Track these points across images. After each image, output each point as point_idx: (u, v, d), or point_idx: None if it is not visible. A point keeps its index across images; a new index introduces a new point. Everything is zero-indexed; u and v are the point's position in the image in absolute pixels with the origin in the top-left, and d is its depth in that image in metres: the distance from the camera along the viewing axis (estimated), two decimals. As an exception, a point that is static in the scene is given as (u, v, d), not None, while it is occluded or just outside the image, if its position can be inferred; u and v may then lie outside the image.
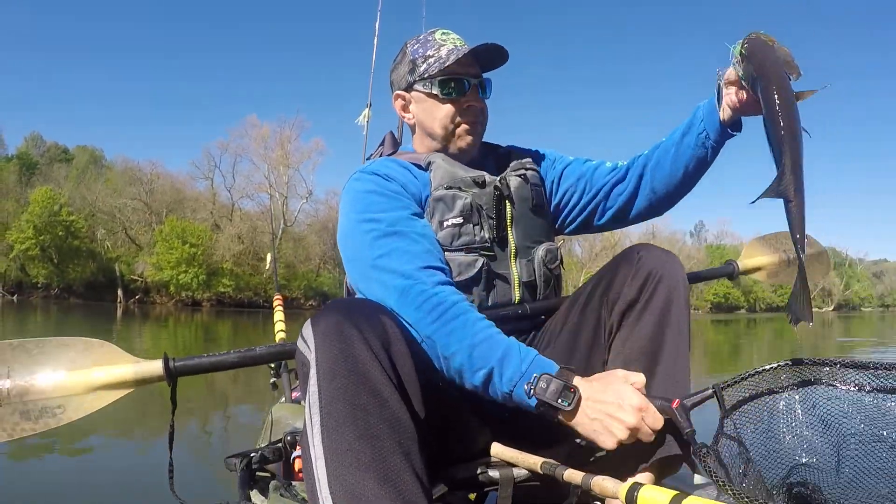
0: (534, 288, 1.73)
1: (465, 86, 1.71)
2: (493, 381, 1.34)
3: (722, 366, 11.83)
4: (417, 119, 1.77)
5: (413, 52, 1.75)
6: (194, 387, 7.00)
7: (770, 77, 1.37)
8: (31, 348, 1.57)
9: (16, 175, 45.24)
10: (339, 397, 1.12)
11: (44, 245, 41.23)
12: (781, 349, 17.32)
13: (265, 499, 1.69)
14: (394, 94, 1.82)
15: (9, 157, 50.62)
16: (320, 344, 1.17)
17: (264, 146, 52.04)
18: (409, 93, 1.77)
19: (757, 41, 1.42)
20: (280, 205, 50.69)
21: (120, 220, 47.55)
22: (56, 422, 1.55)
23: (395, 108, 1.83)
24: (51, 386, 1.55)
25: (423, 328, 1.38)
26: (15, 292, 41.51)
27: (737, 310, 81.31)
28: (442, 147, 1.76)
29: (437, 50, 1.71)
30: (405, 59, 1.77)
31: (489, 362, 1.34)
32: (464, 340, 1.36)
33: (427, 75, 1.71)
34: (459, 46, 1.72)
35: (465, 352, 1.35)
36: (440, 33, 1.75)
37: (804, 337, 23.07)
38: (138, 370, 1.59)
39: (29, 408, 1.54)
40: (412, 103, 1.78)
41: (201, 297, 44.61)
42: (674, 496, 1.13)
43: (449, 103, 1.71)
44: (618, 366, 1.49)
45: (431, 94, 1.71)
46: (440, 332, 1.37)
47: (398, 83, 1.80)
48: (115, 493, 3.41)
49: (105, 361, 1.60)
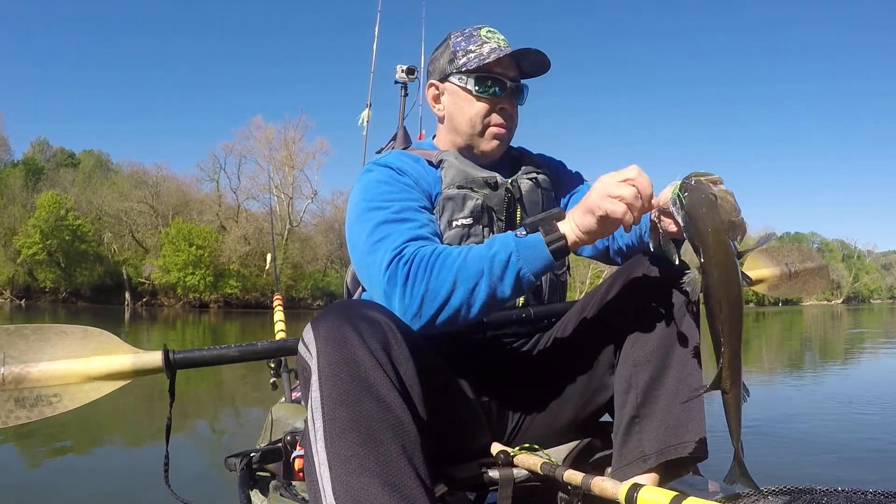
0: (539, 292, 1.72)
1: (502, 88, 1.68)
2: (494, 275, 1.35)
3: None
4: (447, 111, 1.75)
5: (455, 43, 1.72)
6: (203, 386, 7.00)
7: (711, 258, 1.21)
8: (29, 335, 1.54)
9: (22, 180, 45.32)
10: (341, 403, 1.11)
11: (51, 249, 41.34)
12: (791, 341, 17.27)
13: (265, 498, 1.67)
14: (428, 83, 1.79)
15: (15, 162, 50.77)
16: (321, 348, 1.15)
17: (269, 147, 52.19)
18: (444, 83, 1.74)
19: (697, 197, 1.22)
20: (286, 205, 50.78)
21: (126, 223, 47.64)
22: (52, 410, 1.52)
23: (427, 97, 1.80)
24: (47, 374, 1.52)
25: (416, 295, 1.36)
26: (23, 297, 41.61)
27: (745, 304, 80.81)
28: (465, 145, 1.73)
29: (479, 46, 1.68)
30: (447, 50, 1.74)
31: (481, 265, 1.35)
32: (451, 272, 1.36)
33: (465, 69, 1.68)
34: (503, 47, 1.69)
35: (459, 279, 1.35)
36: (486, 30, 1.72)
37: (811, 329, 23.01)
38: (137, 361, 1.56)
39: (24, 395, 1.51)
40: (444, 94, 1.75)
41: (208, 299, 44.71)
42: (674, 497, 1.12)
43: (482, 101, 1.68)
44: (627, 369, 1.49)
45: (466, 89, 1.69)
46: (433, 284, 1.36)
47: (435, 73, 1.77)
48: (116, 493, 3.39)
49: (104, 351, 1.57)
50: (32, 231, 40.81)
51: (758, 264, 2.26)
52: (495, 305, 1.38)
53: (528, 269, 1.33)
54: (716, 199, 1.21)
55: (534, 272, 1.34)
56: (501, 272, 1.34)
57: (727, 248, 1.21)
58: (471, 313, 1.37)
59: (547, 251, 1.32)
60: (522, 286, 1.36)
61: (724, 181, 1.26)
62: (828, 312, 50.42)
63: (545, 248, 1.33)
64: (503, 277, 1.34)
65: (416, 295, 1.36)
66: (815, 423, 5.54)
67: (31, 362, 1.52)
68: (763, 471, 2.76)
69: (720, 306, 1.22)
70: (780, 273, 2.25)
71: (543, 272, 1.36)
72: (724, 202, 1.22)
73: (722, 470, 1.34)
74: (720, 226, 1.20)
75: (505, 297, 1.36)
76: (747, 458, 1.31)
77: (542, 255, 1.33)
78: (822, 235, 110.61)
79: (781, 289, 2.27)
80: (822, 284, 2.36)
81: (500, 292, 1.36)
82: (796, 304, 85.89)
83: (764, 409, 5.79)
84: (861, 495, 1.21)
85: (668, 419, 1.42)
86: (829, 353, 13.96)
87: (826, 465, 4.13)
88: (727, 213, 1.21)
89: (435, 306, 1.36)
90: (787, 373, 9.78)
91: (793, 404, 6.55)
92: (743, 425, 1.28)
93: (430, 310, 1.36)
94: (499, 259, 1.34)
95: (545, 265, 1.34)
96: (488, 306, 1.38)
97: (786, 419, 5.54)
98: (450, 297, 1.35)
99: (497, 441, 1.61)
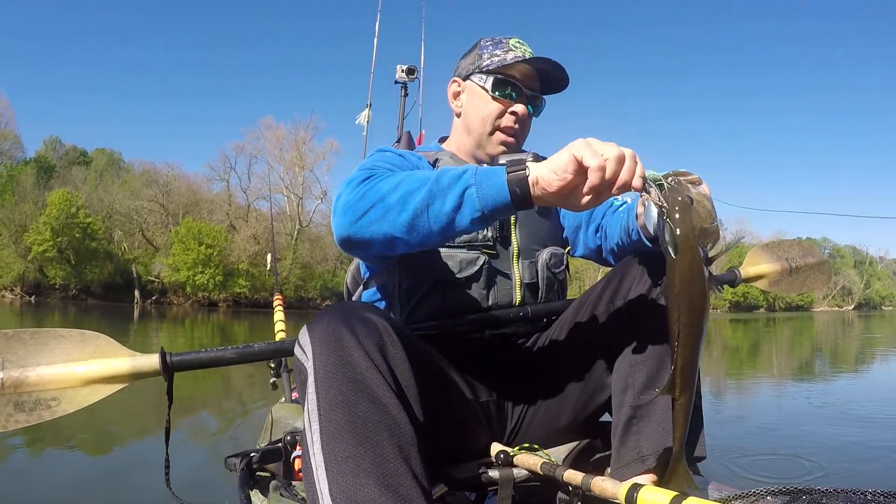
0: (536, 290, 1.72)
1: (518, 93, 1.73)
2: (441, 185, 1.26)
3: (740, 365, 11.70)
4: (464, 108, 1.80)
5: (483, 46, 1.78)
6: (211, 385, 7.01)
7: (675, 264, 1.18)
8: (27, 339, 1.54)
9: (33, 178, 45.62)
10: (337, 405, 1.12)
11: (61, 247, 41.61)
12: (801, 346, 17.16)
13: (265, 499, 1.67)
14: (451, 79, 1.85)
15: (27, 160, 51.12)
16: (317, 351, 1.17)
17: (279, 147, 52.40)
18: (465, 81, 1.80)
19: (672, 199, 1.18)
20: (295, 206, 50.96)
21: (137, 221, 47.90)
22: (51, 414, 1.52)
23: (448, 92, 1.85)
24: (46, 378, 1.52)
25: (361, 191, 1.35)
26: (33, 293, 41.86)
27: (756, 309, 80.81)
28: (475, 146, 1.78)
29: (504, 52, 1.73)
30: (474, 50, 1.80)
31: (432, 176, 1.29)
32: (402, 176, 1.33)
33: (486, 69, 1.73)
34: (527, 56, 1.73)
35: (404, 181, 1.31)
36: (515, 40, 1.76)
37: (822, 334, 22.87)
38: (135, 364, 1.56)
39: (23, 399, 1.51)
40: (464, 92, 1.80)
41: (217, 298, 44.84)
42: (673, 497, 1.13)
43: (497, 102, 1.72)
44: (623, 369, 1.50)
45: (483, 88, 1.74)
46: (381, 184, 1.34)
47: (460, 70, 1.83)
48: (116, 493, 3.38)
49: (101, 354, 1.57)
50: (43, 228, 41.08)
51: (758, 260, 2.25)
52: (429, 221, 1.27)
53: (478, 192, 1.22)
54: (691, 203, 1.18)
55: (483, 196, 1.22)
56: (448, 184, 1.25)
57: (694, 254, 1.17)
58: (400, 218, 1.28)
59: (504, 179, 1.21)
60: (464, 209, 1.24)
61: (703, 181, 1.23)
62: (839, 318, 50.06)
63: (503, 175, 1.21)
64: (448, 189, 1.25)
65: (361, 190, 1.35)
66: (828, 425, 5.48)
67: (29, 366, 1.52)
68: (765, 471, 2.70)
69: (678, 313, 1.20)
70: (781, 268, 2.25)
71: (495, 204, 1.22)
72: (700, 206, 1.19)
73: (722, 470, 1.34)
74: (689, 231, 1.17)
75: (442, 211, 1.25)
76: (748, 458, 1.30)
77: (499, 182, 1.21)
78: (834, 241, 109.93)
79: (782, 284, 2.26)
80: (823, 280, 2.35)
81: (439, 204, 1.25)
82: (807, 310, 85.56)
83: (769, 412, 5.75)
84: (860, 495, 1.20)
85: (666, 419, 1.41)
86: (842, 357, 13.87)
87: (827, 464, 4.09)
88: (700, 219, 1.18)
89: (371, 201, 1.32)
90: (799, 378, 9.71)
91: (798, 408, 6.49)
92: (759, 426, 1.27)
93: (365, 205, 1.33)
94: (452, 174, 1.26)
95: (498, 192, 1.21)
96: (420, 217, 1.27)
97: (795, 423, 5.49)
98: (388, 194, 1.31)
99: (497, 441, 1.62)
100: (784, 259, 2.27)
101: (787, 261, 2.27)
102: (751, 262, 2.24)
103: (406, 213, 1.28)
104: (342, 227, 1.37)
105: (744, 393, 7.48)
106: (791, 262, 2.27)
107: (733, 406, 6.40)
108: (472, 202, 1.23)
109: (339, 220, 1.38)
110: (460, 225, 1.26)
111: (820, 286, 2.37)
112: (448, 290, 1.65)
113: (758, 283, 2.21)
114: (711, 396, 7.07)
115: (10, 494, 3.12)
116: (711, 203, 1.21)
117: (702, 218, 1.18)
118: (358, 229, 1.35)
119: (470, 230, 1.28)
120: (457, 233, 1.29)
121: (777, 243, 2.36)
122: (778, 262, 2.26)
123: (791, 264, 2.27)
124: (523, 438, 1.65)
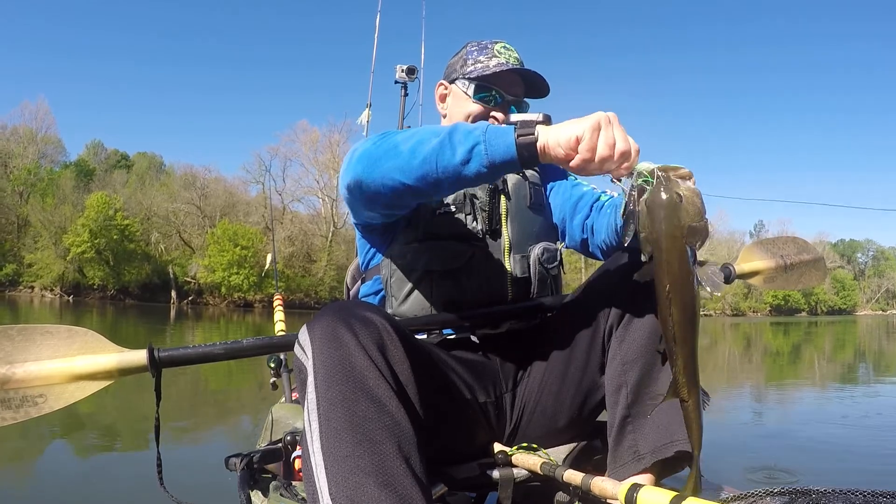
0: (528, 285, 1.71)
1: (498, 99, 1.78)
2: (454, 137, 1.31)
3: (781, 372, 11.45)
4: (449, 111, 1.86)
5: (469, 51, 1.83)
6: (211, 385, 7.04)
7: (664, 264, 1.17)
8: (14, 335, 1.54)
9: (73, 181, 46.70)
10: (337, 404, 1.12)
11: (99, 248, 42.52)
12: (844, 352, 16.77)
13: (265, 499, 1.65)
14: (438, 82, 1.90)
15: (67, 163, 52.39)
16: (317, 350, 1.17)
17: (314, 150, 52.93)
18: (451, 85, 1.85)
19: (659, 195, 1.17)
20: (330, 208, 51.38)
21: (174, 223, 48.84)
22: (37, 411, 1.52)
23: (435, 95, 1.91)
24: (32, 374, 1.51)
25: (378, 141, 1.41)
26: (72, 293, 42.87)
27: (797, 312, 79.62)
28: None
29: (488, 58, 1.79)
30: (460, 55, 1.85)
31: (446, 129, 1.34)
32: (418, 130, 1.40)
33: (469, 76, 1.79)
34: (510, 63, 1.78)
35: (420, 133, 1.37)
36: (500, 45, 1.82)
37: (865, 340, 22.33)
38: (122, 360, 1.55)
39: (10, 396, 1.51)
40: (449, 96, 1.86)
41: (253, 299, 45.41)
42: (673, 497, 1.13)
43: (477, 106, 1.78)
44: (615, 367, 1.49)
45: (466, 94, 1.80)
46: (399, 135, 1.39)
47: (447, 74, 1.89)
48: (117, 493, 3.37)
49: (89, 350, 1.56)
50: (81, 230, 42.04)
51: (752, 257, 2.25)
52: (437, 171, 1.32)
53: (486, 149, 1.27)
54: (680, 200, 1.15)
55: (491, 154, 1.27)
56: (460, 138, 1.30)
57: (682, 254, 1.17)
58: (410, 165, 1.34)
59: (513, 140, 1.26)
60: (471, 163, 1.29)
61: (692, 175, 1.20)
62: (882, 323, 49.02)
63: (512, 135, 1.27)
64: (459, 143, 1.30)
65: (378, 141, 1.42)
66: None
67: (16, 363, 1.51)
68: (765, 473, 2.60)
69: (672, 313, 1.19)
70: (776, 265, 2.25)
71: (503, 161, 1.28)
72: (689, 204, 1.16)
73: (722, 470, 1.27)
74: (677, 231, 1.15)
75: (451, 163, 1.30)
76: (750, 459, 1.23)
77: (507, 141, 1.27)
78: (878, 243, 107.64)
79: (777, 281, 2.27)
80: (818, 277, 2.37)
81: (449, 156, 1.30)
82: (850, 314, 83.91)
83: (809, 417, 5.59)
84: (860, 496, 1.21)
85: (661, 417, 1.42)
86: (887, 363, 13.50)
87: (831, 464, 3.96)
88: (689, 217, 1.16)
89: (385, 149, 1.39)
90: (842, 385, 9.46)
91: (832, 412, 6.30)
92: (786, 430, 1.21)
93: (380, 152, 1.39)
94: (464, 129, 1.32)
95: (506, 152, 1.27)
96: (429, 165, 1.32)
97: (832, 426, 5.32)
98: (402, 143, 1.37)
99: (497, 441, 1.62)
100: (779, 256, 2.28)
101: (781, 258, 2.27)
102: (745, 259, 2.24)
103: (416, 160, 1.33)
104: (356, 172, 1.42)
105: (785, 402, 7.34)
106: (786, 259, 2.28)
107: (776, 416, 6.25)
108: (480, 158, 1.28)
109: (354, 167, 1.43)
110: (467, 177, 1.32)
111: (815, 283, 2.41)
112: (436, 281, 1.65)
113: (752, 279, 2.22)
114: (752, 400, 6.93)
115: (15, 495, 3.13)
116: (701, 200, 1.19)
117: (691, 216, 1.16)
118: (370, 174, 1.40)
119: (476, 183, 1.34)
120: (464, 184, 1.35)
121: (772, 240, 2.37)
122: (773, 258, 2.26)
123: (786, 261, 2.27)
124: (522, 438, 1.64)
